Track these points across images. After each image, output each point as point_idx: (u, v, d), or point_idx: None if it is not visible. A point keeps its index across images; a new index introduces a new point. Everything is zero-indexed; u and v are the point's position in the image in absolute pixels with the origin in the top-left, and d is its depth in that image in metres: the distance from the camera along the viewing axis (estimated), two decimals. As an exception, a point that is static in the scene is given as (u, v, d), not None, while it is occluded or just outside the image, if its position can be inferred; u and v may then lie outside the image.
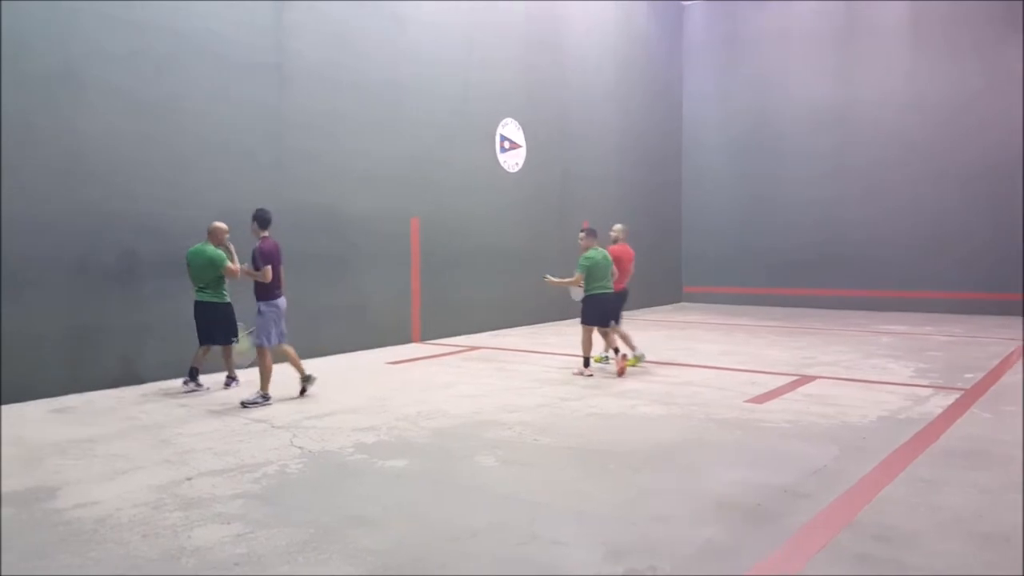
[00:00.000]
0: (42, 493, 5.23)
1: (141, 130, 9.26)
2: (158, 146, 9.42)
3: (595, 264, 9.83)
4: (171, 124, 9.54)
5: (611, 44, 18.16)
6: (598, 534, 4.47)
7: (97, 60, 8.83)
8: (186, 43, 9.66)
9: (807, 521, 4.68)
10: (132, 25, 9.11)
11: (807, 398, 8.34)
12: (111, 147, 8.99)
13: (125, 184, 9.11)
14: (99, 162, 8.89)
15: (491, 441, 6.60)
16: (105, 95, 8.91)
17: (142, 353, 9.23)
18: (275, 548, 4.28)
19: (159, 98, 9.42)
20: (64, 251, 8.58)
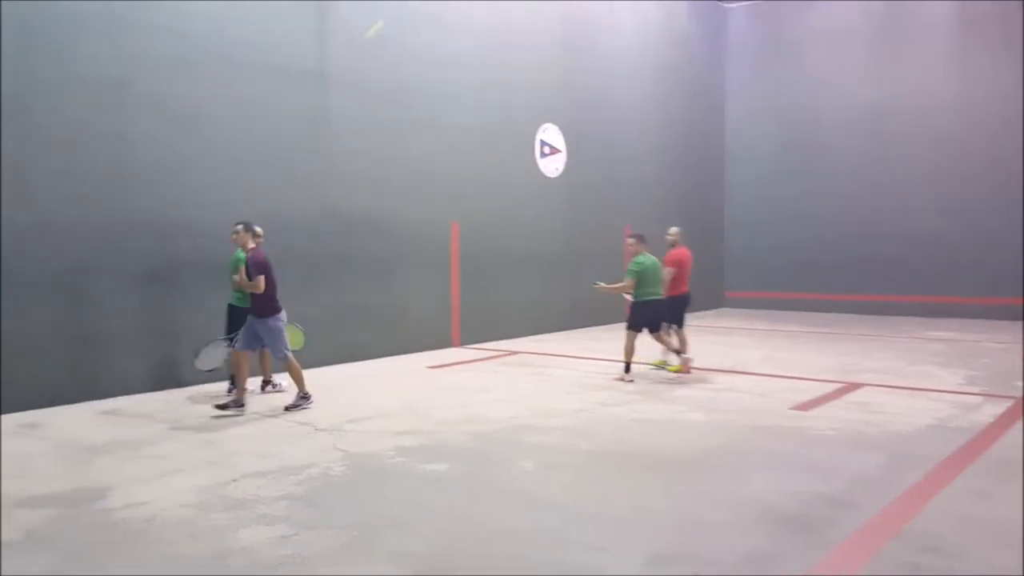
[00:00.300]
0: (92, 494, 5.34)
1: (187, 137, 9.42)
2: (203, 152, 9.58)
3: (645, 270, 9.74)
4: (215, 130, 9.70)
5: (652, 46, 18.08)
6: (639, 540, 4.45)
7: (144, 68, 9.01)
8: (231, 51, 9.82)
9: (853, 531, 4.60)
10: (177, 33, 9.28)
11: (853, 405, 8.21)
12: (158, 154, 9.16)
13: (172, 190, 9.29)
14: (146, 169, 9.06)
15: (530, 446, 6.60)
16: (152, 102, 9.09)
17: (186, 356, 9.37)
18: (319, 549, 4.32)
19: (204, 105, 9.59)
20: (111, 256, 8.75)
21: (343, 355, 11.15)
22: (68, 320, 8.40)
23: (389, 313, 11.94)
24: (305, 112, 10.71)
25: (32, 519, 4.84)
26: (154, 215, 9.13)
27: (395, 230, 11.99)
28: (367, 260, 11.57)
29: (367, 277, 11.59)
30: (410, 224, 12.21)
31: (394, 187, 11.95)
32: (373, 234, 11.66)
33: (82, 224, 8.49)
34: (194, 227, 9.47)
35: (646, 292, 9.77)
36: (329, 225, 10.98)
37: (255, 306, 8.01)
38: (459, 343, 13.19)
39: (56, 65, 8.28)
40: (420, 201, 12.37)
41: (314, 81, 10.81)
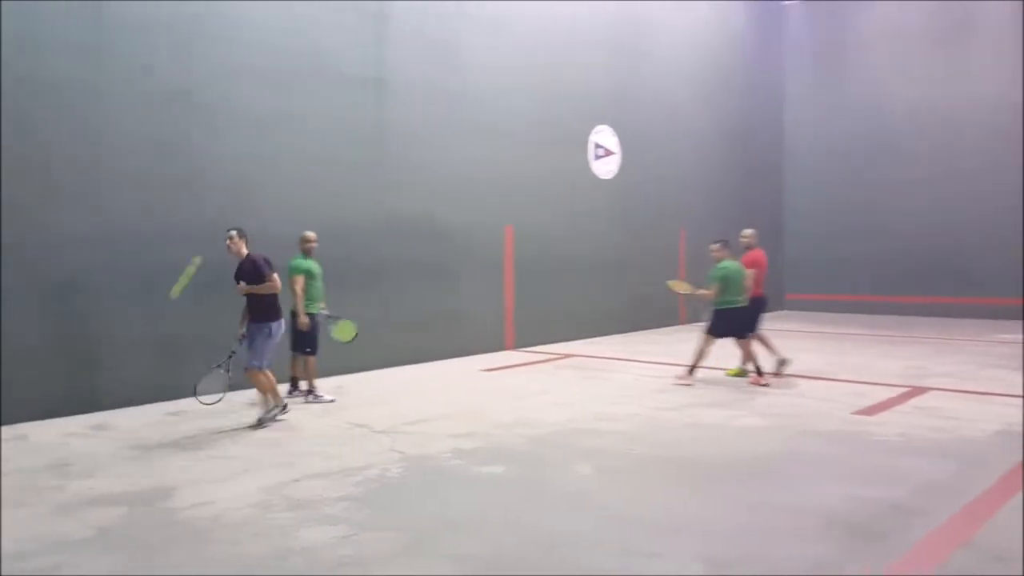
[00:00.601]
0: (159, 493, 5.48)
1: (250, 146, 9.62)
2: (266, 161, 9.77)
3: (728, 276, 9.57)
4: (277, 139, 9.88)
5: (706, 46, 17.89)
6: (697, 547, 4.41)
7: (213, 78, 9.24)
8: (291, 60, 9.99)
9: (920, 539, 4.49)
10: (239, 43, 9.47)
11: (919, 410, 8.02)
12: (222, 163, 9.38)
13: (238, 198, 9.49)
14: (211, 178, 9.28)
15: (586, 450, 6.58)
16: (215, 112, 9.30)
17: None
18: (379, 550, 4.37)
19: (266, 114, 9.78)
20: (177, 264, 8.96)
21: (398, 358, 11.26)
22: (140, 325, 8.64)
23: (444, 316, 12.02)
24: (363, 119, 10.86)
25: (102, 517, 4.98)
26: (220, 224, 9.31)
27: (450, 234, 12.07)
28: (423, 264, 11.66)
29: (423, 281, 11.68)
30: (465, 228, 12.28)
31: (449, 192, 12.03)
32: (429, 238, 11.76)
33: (150, 233, 8.72)
34: (260, 234, 9.62)
35: (728, 300, 9.56)
36: (386, 230, 11.10)
37: (260, 309, 7.56)
38: (513, 346, 13.21)
39: (124, 75, 8.52)
40: (474, 205, 12.43)
41: (372, 88, 10.94)
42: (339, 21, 10.50)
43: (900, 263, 18.77)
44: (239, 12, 9.46)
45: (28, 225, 7.83)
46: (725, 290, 9.56)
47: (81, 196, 8.23)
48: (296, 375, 9.03)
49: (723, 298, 9.59)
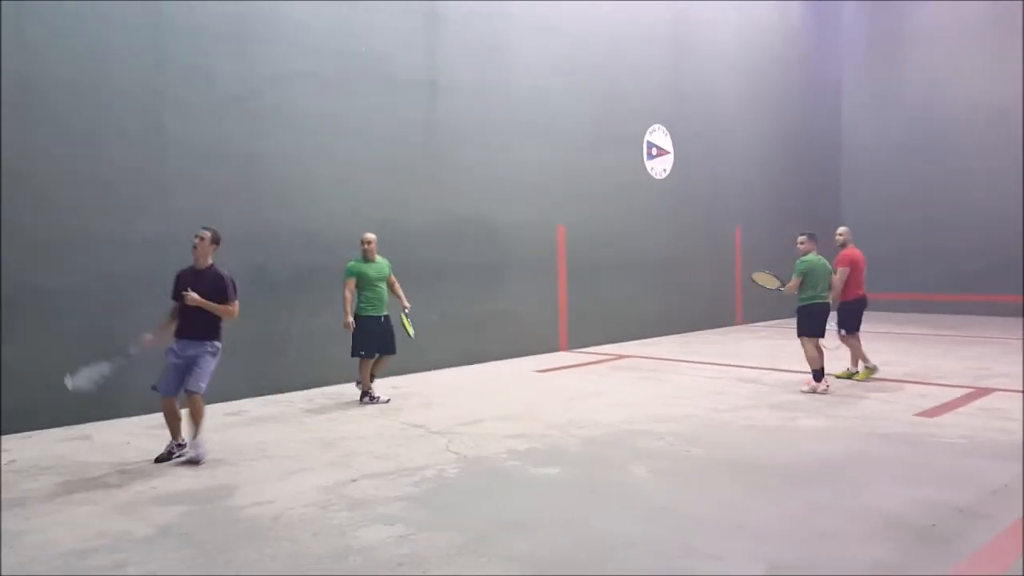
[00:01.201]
0: (222, 492, 5.61)
1: (309, 148, 9.78)
2: (324, 163, 9.93)
3: (811, 269, 9.19)
4: (335, 142, 10.03)
5: (761, 44, 17.65)
6: (758, 550, 4.36)
7: (267, 82, 9.42)
8: (347, 62, 10.14)
9: (985, 543, 4.39)
10: (297, 47, 9.65)
11: (983, 412, 7.82)
12: (284, 165, 9.56)
13: (296, 200, 9.67)
14: (273, 180, 9.47)
15: (643, 451, 6.55)
16: (276, 115, 9.48)
17: (308, 360, 9.72)
18: (436, 550, 4.41)
19: (327, 116, 9.94)
20: (243, 263, 9.15)
21: (452, 359, 11.33)
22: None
23: (497, 317, 12.07)
24: (415, 121, 10.96)
25: (165, 515, 5.11)
26: (278, 225, 9.52)
27: (504, 235, 12.11)
28: (477, 265, 11.73)
29: (477, 282, 11.74)
30: (518, 229, 12.31)
31: (502, 192, 12.08)
32: (483, 239, 11.82)
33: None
34: (318, 237, 9.81)
35: (808, 296, 9.22)
36: (439, 232, 11.19)
37: (210, 325, 6.61)
38: (567, 347, 13.20)
39: (185, 81, 8.74)
40: (527, 205, 12.45)
41: (425, 90, 11.04)
42: (391, 23, 10.61)
43: (961, 260, 18.26)
44: (291, 16, 9.62)
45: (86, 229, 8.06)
46: (806, 285, 9.21)
47: (141, 201, 8.46)
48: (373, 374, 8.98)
49: (805, 294, 9.25)
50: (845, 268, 9.65)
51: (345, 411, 8.38)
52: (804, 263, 9.25)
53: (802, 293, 9.27)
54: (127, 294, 8.31)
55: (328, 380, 9.81)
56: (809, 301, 9.26)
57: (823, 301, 9.27)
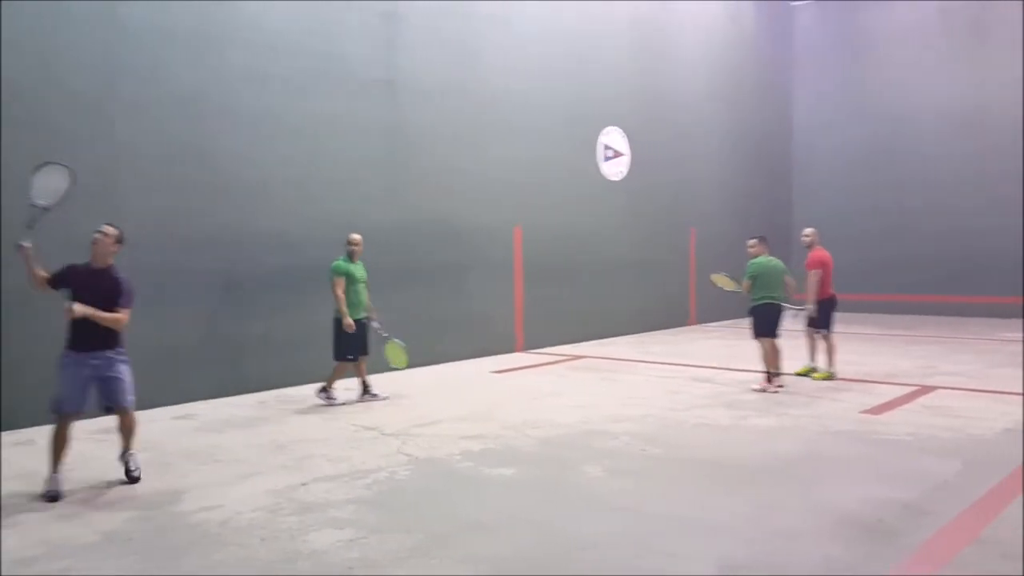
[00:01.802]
0: (169, 496, 5.50)
1: (265, 149, 9.65)
2: (284, 164, 9.81)
3: (760, 272, 9.38)
4: (292, 142, 9.91)
5: (716, 47, 17.86)
6: (712, 548, 4.39)
7: (226, 82, 9.28)
8: (306, 62, 10.02)
9: (929, 538, 4.48)
10: (254, 46, 9.51)
11: (927, 409, 7.98)
12: (239, 166, 9.41)
13: (254, 202, 9.54)
14: (228, 181, 9.32)
15: (599, 451, 6.57)
16: (233, 115, 9.34)
17: (261, 363, 9.59)
18: (387, 553, 4.37)
19: (287, 117, 9.83)
20: (200, 264, 9.02)
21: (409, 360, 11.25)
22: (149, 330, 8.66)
23: (455, 318, 12.03)
24: (376, 121, 10.88)
25: (110, 522, 5.00)
26: (237, 226, 9.37)
27: (461, 236, 12.08)
28: (434, 266, 11.67)
29: (435, 283, 11.69)
30: (476, 229, 12.29)
31: (461, 194, 12.04)
32: (440, 240, 11.77)
33: (168, 237, 8.76)
34: (277, 238, 9.68)
35: (760, 296, 9.39)
36: (400, 233, 11.11)
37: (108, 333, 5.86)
38: (523, 348, 13.21)
39: (140, 81, 8.57)
40: (486, 206, 12.44)
41: (384, 90, 10.97)
42: (350, 22, 10.53)
43: (913, 262, 18.67)
44: (249, 16, 9.49)
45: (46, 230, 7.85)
46: (756, 286, 9.39)
47: (99, 202, 8.27)
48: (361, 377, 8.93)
49: (756, 295, 9.42)
50: (817, 270, 9.81)
51: (298, 414, 8.28)
52: (754, 265, 9.44)
53: (754, 294, 9.43)
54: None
55: (282, 383, 9.69)
56: (760, 302, 9.42)
57: (774, 302, 9.40)
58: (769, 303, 9.39)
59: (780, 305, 9.45)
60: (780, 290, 9.50)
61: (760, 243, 9.63)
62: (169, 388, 8.82)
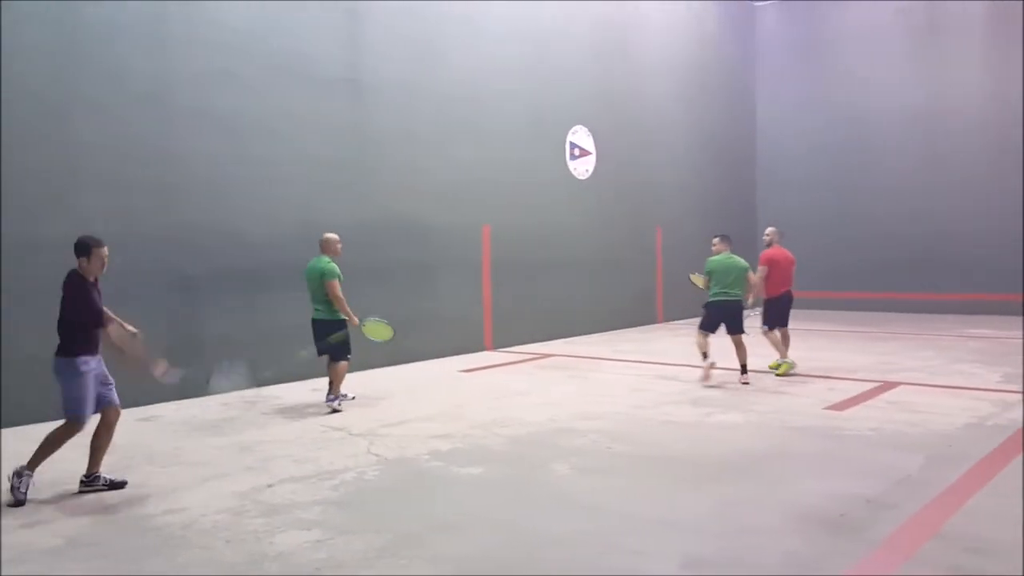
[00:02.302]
0: (133, 499, 5.42)
1: (227, 148, 9.55)
2: (243, 163, 9.71)
3: (714, 269, 9.70)
4: (255, 141, 9.82)
5: (681, 48, 17.99)
6: (678, 544, 4.43)
7: (186, 81, 9.17)
8: (267, 61, 9.93)
9: (892, 531, 4.54)
10: (214, 45, 9.41)
11: (890, 405, 8.10)
12: (199, 165, 9.30)
13: (215, 201, 9.43)
14: (188, 180, 9.20)
15: (567, 449, 6.59)
16: (192, 114, 9.23)
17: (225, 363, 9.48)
18: (354, 554, 4.35)
19: (243, 116, 9.71)
20: (159, 264, 8.90)
21: (376, 360, 11.21)
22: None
23: (423, 317, 11.98)
24: (339, 120, 10.80)
25: (72, 526, 4.93)
26: (197, 226, 9.27)
27: (428, 234, 12.04)
28: (401, 266, 11.62)
29: (402, 282, 11.63)
30: (443, 228, 12.26)
31: (426, 193, 12.01)
32: (407, 240, 11.72)
33: (127, 236, 8.63)
34: (237, 237, 9.59)
35: (714, 292, 9.70)
36: (366, 232, 11.04)
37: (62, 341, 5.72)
38: (492, 347, 13.21)
39: (97, 79, 8.45)
40: (452, 205, 12.41)
41: (349, 89, 10.90)
42: (312, 21, 10.44)
43: (874, 259, 18.95)
44: (209, 13, 9.38)
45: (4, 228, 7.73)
46: (713, 283, 9.70)
47: (53, 201, 8.14)
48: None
49: (711, 291, 9.74)
50: (764, 267, 10.07)
51: (264, 415, 8.20)
52: (709, 263, 9.81)
53: (710, 290, 9.76)
54: (33, 298, 7.97)
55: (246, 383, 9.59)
56: (711, 298, 9.74)
57: (722, 299, 9.63)
58: (717, 300, 9.67)
59: (726, 302, 9.65)
60: (738, 288, 9.71)
61: (722, 241, 9.92)
62: (131, 390, 8.68)
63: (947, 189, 17.96)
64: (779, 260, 10.18)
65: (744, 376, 9.50)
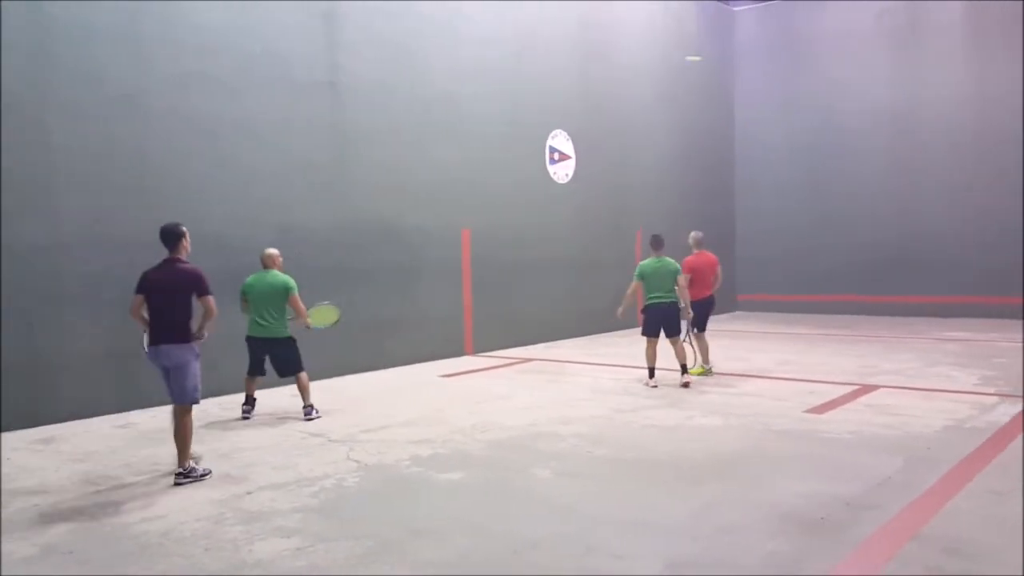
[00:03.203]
0: (109, 507, 5.36)
1: (204, 150, 9.48)
2: (221, 165, 9.65)
3: (642, 273, 9.74)
4: (232, 143, 9.76)
5: (660, 51, 18.04)
6: (658, 547, 4.43)
7: (160, 82, 9.09)
8: (244, 63, 9.87)
9: (872, 533, 4.57)
10: (191, 47, 9.34)
11: (869, 408, 8.16)
12: (176, 168, 9.23)
13: (192, 204, 9.33)
14: (165, 182, 9.13)
15: (547, 453, 6.58)
16: (169, 116, 9.15)
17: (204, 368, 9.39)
18: (335, 561, 4.31)
19: (221, 118, 9.65)
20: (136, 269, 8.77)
21: (354, 365, 11.16)
22: (83, 335, 8.45)
23: (402, 322, 11.94)
24: (319, 122, 10.76)
25: (48, 534, 4.86)
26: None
27: (407, 239, 12.00)
28: (380, 269, 11.58)
29: (380, 286, 11.59)
30: (423, 232, 12.22)
31: (405, 195, 11.97)
32: (386, 243, 11.68)
33: (102, 239, 8.56)
34: (215, 240, 9.50)
35: (648, 297, 9.75)
36: (342, 234, 11.01)
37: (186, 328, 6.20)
38: (472, 351, 13.18)
39: (73, 81, 8.36)
40: (432, 208, 12.38)
41: (327, 92, 10.85)
42: (289, 23, 10.39)
43: (852, 262, 19.07)
44: (185, 15, 9.31)
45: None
46: (645, 288, 9.76)
47: (28, 203, 8.04)
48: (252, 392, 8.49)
49: (646, 296, 9.79)
50: (686, 275, 10.14)
51: (242, 422, 8.13)
52: (637, 268, 9.88)
53: (645, 295, 9.81)
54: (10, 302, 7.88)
55: (223, 390, 9.50)
56: (645, 302, 9.81)
57: (658, 302, 9.68)
58: (650, 304, 9.72)
59: (660, 305, 9.69)
60: (665, 291, 9.70)
61: (652, 245, 9.90)
62: (108, 396, 8.60)
63: (926, 192, 18.11)
64: (700, 265, 10.38)
65: (685, 376, 9.61)
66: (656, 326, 9.75)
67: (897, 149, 18.52)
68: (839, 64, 19.30)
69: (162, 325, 6.08)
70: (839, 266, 19.27)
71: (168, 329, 6.07)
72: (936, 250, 17.95)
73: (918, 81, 18.22)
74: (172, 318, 6.09)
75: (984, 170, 17.42)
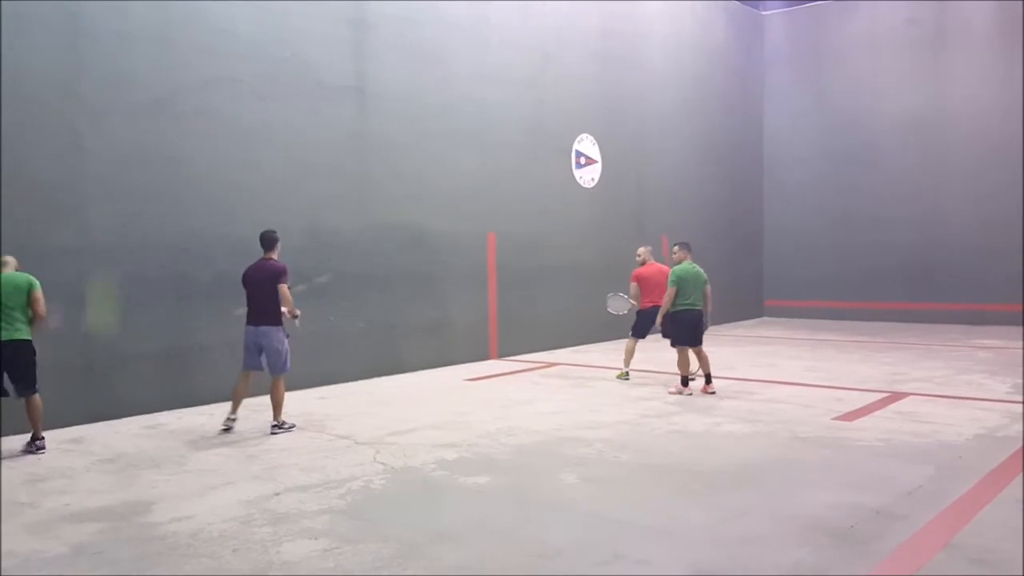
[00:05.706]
0: (139, 507, 5.42)
1: (232, 155, 9.58)
2: (248, 170, 9.73)
3: (679, 279, 9.52)
4: (260, 149, 9.84)
5: (687, 56, 17.97)
6: (684, 554, 4.41)
7: (189, 88, 9.19)
8: (274, 68, 9.97)
9: (901, 543, 4.52)
10: (220, 53, 9.45)
11: (898, 415, 8.07)
12: (205, 172, 9.33)
13: (221, 207, 9.45)
14: (194, 187, 9.23)
15: (572, 458, 6.57)
16: (197, 121, 9.26)
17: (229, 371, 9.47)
18: (362, 563, 4.34)
19: (249, 124, 9.75)
20: (165, 272, 8.93)
21: (382, 368, 11.21)
22: (118, 338, 8.56)
23: (428, 326, 11.99)
24: (346, 128, 10.83)
25: (79, 533, 4.93)
26: (203, 233, 9.29)
27: (433, 243, 12.04)
28: (407, 274, 11.63)
29: (407, 290, 11.64)
30: (448, 236, 12.26)
31: (432, 200, 12.01)
32: (412, 248, 11.73)
33: (131, 243, 8.67)
34: (242, 243, 9.58)
35: (679, 303, 9.57)
36: (369, 239, 11.07)
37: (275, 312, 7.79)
38: (497, 355, 13.19)
39: (104, 85, 8.49)
40: (458, 213, 12.41)
41: (354, 98, 10.92)
42: (318, 29, 10.47)
43: (881, 268, 18.86)
44: (216, 20, 9.42)
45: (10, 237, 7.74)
46: (679, 294, 9.57)
47: (63, 207, 8.17)
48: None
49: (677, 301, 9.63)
50: (634, 284, 10.58)
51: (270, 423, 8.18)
52: (674, 273, 9.66)
53: (675, 301, 9.63)
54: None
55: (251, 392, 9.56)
56: (676, 309, 9.63)
57: (689, 308, 9.56)
58: (681, 311, 9.60)
59: (691, 312, 9.59)
60: (697, 297, 9.62)
61: (682, 249, 9.86)
62: (137, 398, 8.71)
63: (955, 198, 17.87)
64: (648, 276, 10.55)
65: (710, 386, 9.55)
66: (688, 334, 9.57)
67: (926, 154, 18.29)
68: (868, 69, 19.10)
69: (257, 310, 7.67)
70: (867, 272, 19.05)
71: (263, 314, 7.64)
72: (965, 257, 17.69)
73: (948, 86, 17.98)
74: (264, 305, 7.63)
75: (1013, 177, 17.16)
